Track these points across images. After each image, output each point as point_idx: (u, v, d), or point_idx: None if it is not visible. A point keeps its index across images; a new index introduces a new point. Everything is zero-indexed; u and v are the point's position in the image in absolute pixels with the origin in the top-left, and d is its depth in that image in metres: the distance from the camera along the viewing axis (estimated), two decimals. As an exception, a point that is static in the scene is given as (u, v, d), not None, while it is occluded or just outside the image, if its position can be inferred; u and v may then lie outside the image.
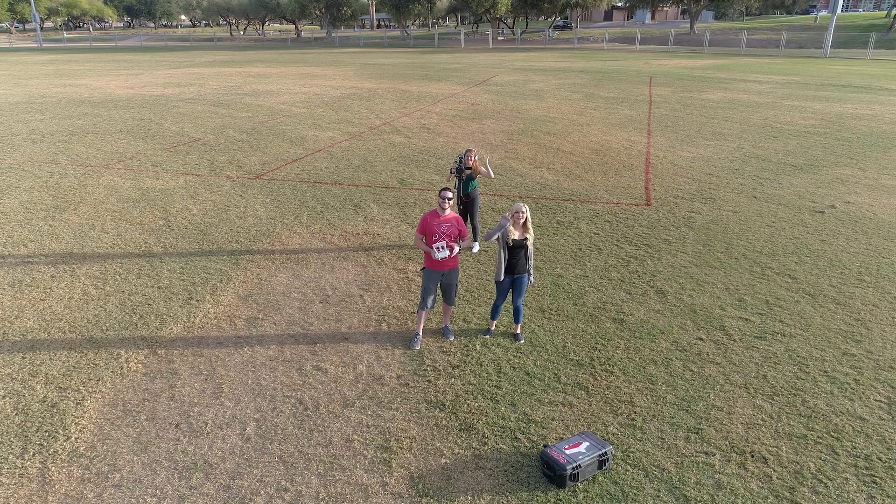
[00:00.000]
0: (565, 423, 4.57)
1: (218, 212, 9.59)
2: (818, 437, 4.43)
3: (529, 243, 5.45)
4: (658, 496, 3.89)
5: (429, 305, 5.65)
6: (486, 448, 4.31)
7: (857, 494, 3.91)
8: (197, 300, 6.57)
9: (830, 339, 5.80)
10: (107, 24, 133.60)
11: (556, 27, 74.50)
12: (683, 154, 13.47)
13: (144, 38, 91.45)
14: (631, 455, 4.25)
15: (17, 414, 4.67)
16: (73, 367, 5.31)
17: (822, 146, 14.13)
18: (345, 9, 66.15)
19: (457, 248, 5.45)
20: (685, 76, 29.50)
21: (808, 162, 12.66)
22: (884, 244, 8.20)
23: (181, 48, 62.06)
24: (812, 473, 4.08)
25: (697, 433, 4.46)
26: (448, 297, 5.73)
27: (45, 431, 4.47)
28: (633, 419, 4.62)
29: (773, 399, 4.87)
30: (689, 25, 62.67)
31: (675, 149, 14.01)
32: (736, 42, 51.56)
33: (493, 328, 5.92)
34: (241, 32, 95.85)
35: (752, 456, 4.23)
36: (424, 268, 5.58)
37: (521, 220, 5.36)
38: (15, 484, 3.99)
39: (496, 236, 5.40)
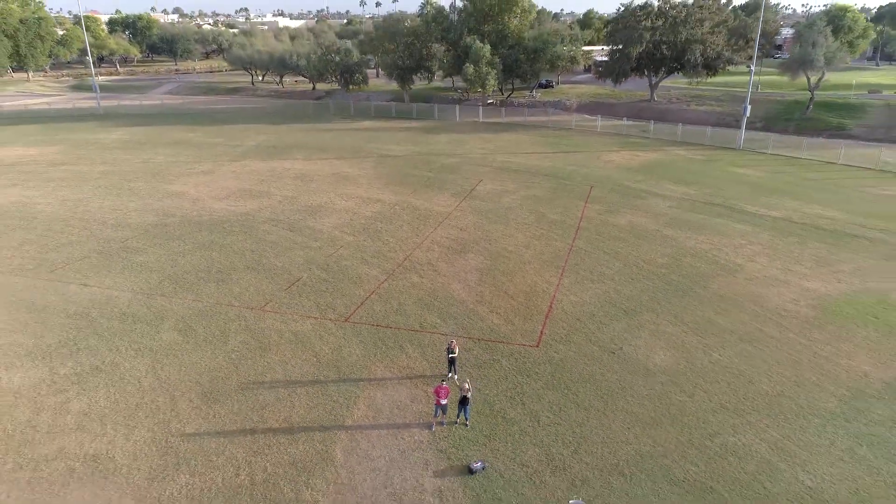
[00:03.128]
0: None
1: (339, 352, 20.69)
2: None
3: (469, 395, 16.58)
4: None
5: (436, 415, 16.79)
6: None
7: None
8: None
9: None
10: (131, 59, 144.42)
11: (541, 86, 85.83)
12: (573, 298, 24.59)
13: (175, 87, 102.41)
14: None
15: None
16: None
17: (651, 291, 25.25)
18: (356, 75, 77.28)
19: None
20: (618, 186, 40.66)
21: (628, 308, 23.77)
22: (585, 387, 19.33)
23: (220, 114, 73.14)
24: None
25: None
26: (444, 412, 16.88)
27: None
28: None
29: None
30: (659, 81, 73.49)
31: (572, 291, 25.10)
32: (683, 114, 62.93)
33: (458, 420, 17.05)
34: (261, 78, 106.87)
35: None
36: (436, 404, 16.71)
37: (466, 389, 16.50)
38: None
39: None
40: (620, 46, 69.40)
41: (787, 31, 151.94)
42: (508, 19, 67.73)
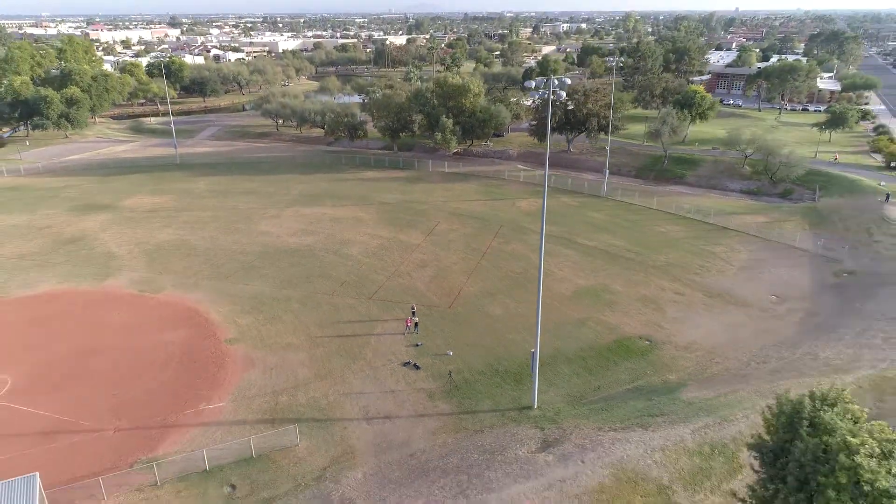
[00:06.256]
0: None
1: (369, 310, 51.02)
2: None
3: (418, 323, 47.00)
4: (426, 347, 45.72)
5: (406, 330, 47.21)
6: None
7: (443, 347, 45.63)
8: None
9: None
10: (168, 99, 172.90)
11: (494, 135, 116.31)
12: (470, 289, 54.91)
13: (216, 131, 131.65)
14: (425, 344, 45.97)
15: None
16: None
17: (507, 286, 55.62)
18: (360, 132, 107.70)
19: (413, 321, 47.16)
20: (516, 226, 71.04)
21: (493, 293, 54.19)
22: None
23: (264, 164, 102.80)
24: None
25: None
26: (408, 329, 47.31)
27: None
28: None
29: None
30: (573, 139, 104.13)
31: (470, 286, 55.38)
32: (587, 163, 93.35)
33: (414, 332, 47.44)
34: (282, 122, 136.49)
35: (436, 344, 45.93)
36: (405, 325, 47.14)
37: (417, 320, 46.93)
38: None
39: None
40: (543, 115, 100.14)
41: (717, 58, 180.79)
42: (465, 100, 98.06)
